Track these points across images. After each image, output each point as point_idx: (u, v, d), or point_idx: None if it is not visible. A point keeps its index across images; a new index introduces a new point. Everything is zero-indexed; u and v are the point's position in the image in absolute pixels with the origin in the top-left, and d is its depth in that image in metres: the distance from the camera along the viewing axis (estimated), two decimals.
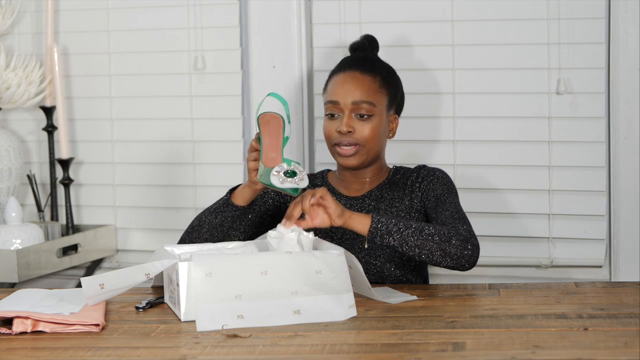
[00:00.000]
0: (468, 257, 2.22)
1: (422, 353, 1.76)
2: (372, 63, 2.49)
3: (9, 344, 1.92)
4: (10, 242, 2.97)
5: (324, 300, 2.04)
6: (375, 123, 2.42)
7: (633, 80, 2.88)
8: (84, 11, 3.28)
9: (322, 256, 2.09)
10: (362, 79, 2.44)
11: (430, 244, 2.20)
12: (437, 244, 2.21)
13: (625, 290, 2.18)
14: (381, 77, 2.46)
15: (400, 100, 2.54)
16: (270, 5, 3.11)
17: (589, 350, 1.73)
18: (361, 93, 2.42)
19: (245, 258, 2.06)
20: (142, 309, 2.14)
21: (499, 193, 3.00)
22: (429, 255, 2.21)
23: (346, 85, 2.43)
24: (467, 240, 2.23)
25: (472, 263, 2.24)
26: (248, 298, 2.01)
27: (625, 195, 2.92)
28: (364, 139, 2.41)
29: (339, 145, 2.43)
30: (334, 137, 2.43)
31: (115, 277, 2.04)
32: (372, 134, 2.42)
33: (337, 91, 2.44)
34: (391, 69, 2.54)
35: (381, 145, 2.47)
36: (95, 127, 3.31)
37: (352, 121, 2.41)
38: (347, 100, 2.42)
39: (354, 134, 2.41)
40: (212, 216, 2.41)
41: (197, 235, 2.41)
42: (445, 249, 2.21)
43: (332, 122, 2.44)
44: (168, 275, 2.13)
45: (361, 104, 2.41)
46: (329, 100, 2.45)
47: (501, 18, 2.96)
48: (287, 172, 2.03)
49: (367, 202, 2.46)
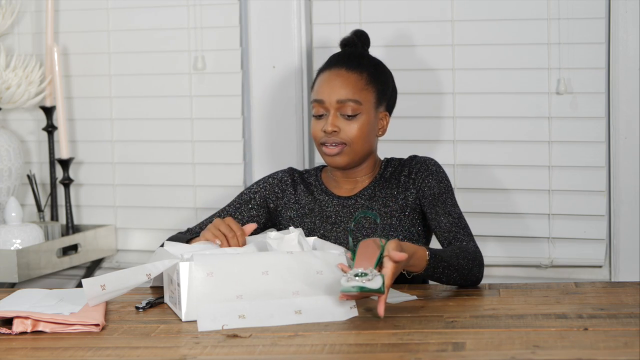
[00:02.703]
0: (479, 277, 2.27)
1: (422, 353, 1.76)
2: (359, 59, 2.44)
3: (9, 344, 1.92)
4: (10, 242, 2.97)
5: (325, 300, 2.03)
6: (362, 122, 2.38)
7: (633, 80, 2.88)
8: (84, 11, 3.28)
9: (322, 256, 2.09)
10: (347, 76, 2.39)
11: (454, 275, 2.22)
12: (459, 275, 2.22)
13: (625, 290, 2.18)
14: (368, 74, 2.41)
15: (391, 97, 2.49)
16: (270, 5, 3.11)
17: (589, 350, 1.73)
18: (346, 91, 2.37)
19: (246, 258, 2.06)
20: (142, 309, 2.14)
21: (499, 193, 3.00)
22: (449, 282, 2.24)
23: (331, 83, 2.39)
24: (481, 264, 2.27)
25: (479, 282, 2.29)
26: (249, 298, 2.01)
27: (625, 195, 2.92)
28: (350, 139, 2.37)
29: (325, 145, 2.39)
30: (320, 136, 2.40)
31: (116, 278, 2.04)
32: (359, 133, 2.38)
33: (322, 90, 2.40)
34: (380, 65, 2.48)
35: (370, 143, 2.42)
36: (95, 127, 3.31)
37: (338, 120, 2.38)
38: (332, 99, 2.38)
39: (339, 134, 2.37)
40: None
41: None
42: (465, 277, 2.24)
43: (318, 122, 2.40)
44: (168, 276, 2.13)
45: (347, 102, 2.37)
46: (314, 99, 2.41)
47: (501, 18, 2.96)
48: (357, 274, 1.97)
49: (360, 201, 2.44)
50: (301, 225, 2.45)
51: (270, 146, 3.14)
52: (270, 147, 3.14)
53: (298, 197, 2.48)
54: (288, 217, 2.47)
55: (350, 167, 2.43)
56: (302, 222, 2.45)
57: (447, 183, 2.42)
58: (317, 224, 2.44)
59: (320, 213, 2.44)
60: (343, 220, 2.42)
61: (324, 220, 2.44)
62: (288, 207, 2.49)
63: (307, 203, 2.47)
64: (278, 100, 3.14)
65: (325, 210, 2.44)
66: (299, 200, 2.48)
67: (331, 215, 2.44)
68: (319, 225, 2.43)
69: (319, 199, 2.47)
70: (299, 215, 2.46)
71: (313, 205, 2.46)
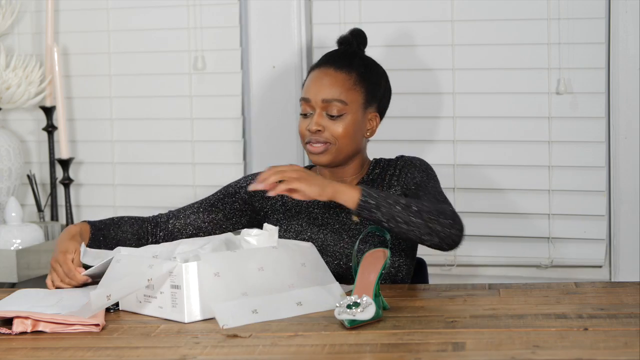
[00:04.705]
0: (454, 237, 2.19)
1: (422, 353, 1.76)
2: (350, 59, 2.41)
3: (9, 344, 1.92)
4: (10, 242, 2.97)
5: (317, 290, 2.09)
6: (348, 122, 2.35)
7: (633, 80, 2.88)
8: (84, 11, 3.28)
9: (299, 249, 2.15)
10: (335, 75, 2.36)
11: (418, 220, 2.16)
12: (424, 222, 2.16)
13: (625, 290, 2.18)
14: (357, 74, 2.38)
15: (383, 98, 2.44)
16: (270, 5, 3.12)
17: (589, 350, 1.73)
18: (333, 91, 2.35)
19: (242, 255, 2.08)
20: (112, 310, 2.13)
21: (499, 193, 3.00)
22: (416, 232, 2.17)
23: (318, 82, 2.37)
24: (454, 219, 2.19)
25: (457, 244, 2.21)
26: (253, 294, 2.02)
27: (625, 195, 2.92)
28: (334, 138, 2.35)
29: (309, 143, 2.37)
30: (305, 135, 2.38)
31: (120, 287, 2.04)
32: (344, 133, 2.35)
33: (309, 88, 2.38)
34: (372, 65, 2.44)
35: (356, 144, 2.39)
36: (95, 127, 3.32)
37: (323, 119, 2.35)
38: (318, 98, 2.35)
39: (323, 133, 2.35)
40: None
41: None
42: (432, 227, 2.17)
43: (304, 120, 2.38)
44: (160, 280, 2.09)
45: (332, 102, 2.34)
46: (301, 98, 2.39)
47: (501, 18, 2.96)
48: (349, 305, 1.98)
49: None
50: (288, 227, 2.43)
51: (270, 146, 3.14)
52: (270, 147, 3.14)
53: (285, 199, 2.46)
54: (275, 220, 2.45)
55: (334, 166, 2.41)
56: (289, 224, 2.43)
57: (431, 173, 2.38)
58: (304, 226, 2.41)
59: (307, 215, 2.43)
60: (329, 222, 2.40)
61: (310, 222, 2.42)
62: (275, 209, 2.46)
63: (294, 205, 2.45)
64: (278, 100, 3.14)
65: (312, 212, 2.43)
66: (286, 202, 2.46)
67: (318, 217, 2.42)
68: (306, 228, 2.41)
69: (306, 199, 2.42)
70: (286, 218, 2.44)
71: (300, 206, 2.44)
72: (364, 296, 1.93)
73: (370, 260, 2.05)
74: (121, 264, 2.11)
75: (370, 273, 2.02)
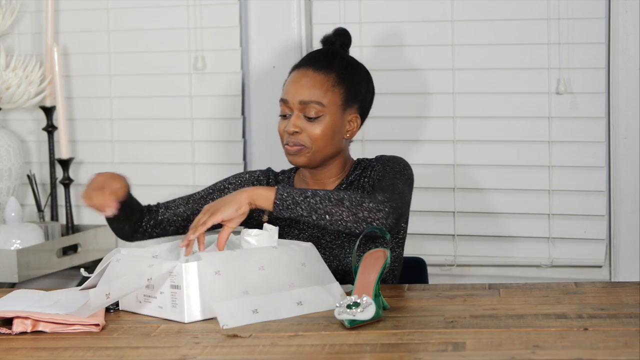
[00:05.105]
0: (383, 219, 2.14)
1: (422, 353, 1.76)
2: (330, 59, 2.38)
3: (9, 344, 1.92)
4: (10, 242, 2.97)
5: (317, 290, 2.09)
6: (326, 124, 2.32)
7: (633, 80, 2.88)
8: (84, 11, 3.28)
9: (299, 249, 2.14)
10: (313, 77, 2.34)
11: (340, 209, 2.14)
12: (347, 209, 2.14)
13: (625, 290, 2.18)
14: (337, 75, 2.34)
15: (365, 99, 2.40)
16: (270, 5, 3.12)
17: (589, 350, 1.73)
18: (310, 93, 2.32)
19: (243, 254, 2.08)
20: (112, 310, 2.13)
21: (499, 193, 3.00)
22: (341, 222, 2.14)
23: (297, 83, 2.34)
24: (382, 202, 2.15)
25: (390, 225, 2.16)
26: (254, 293, 2.02)
27: (625, 195, 2.92)
28: (311, 141, 2.32)
29: (287, 144, 2.35)
30: (283, 136, 2.36)
31: (119, 286, 2.04)
32: (321, 134, 2.32)
33: (288, 89, 2.36)
34: (353, 66, 2.41)
35: (335, 145, 2.36)
36: (95, 127, 3.32)
37: (300, 121, 2.33)
38: (296, 100, 2.33)
39: (300, 135, 2.32)
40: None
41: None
42: (357, 214, 2.14)
43: (283, 122, 2.37)
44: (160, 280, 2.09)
45: (309, 104, 2.32)
46: (280, 99, 2.38)
47: (501, 18, 2.96)
48: (349, 305, 1.97)
49: None
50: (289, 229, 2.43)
51: (270, 146, 3.14)
52: (270, 147, 3.13)
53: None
54: (259, 219, 2.44)
55: (312, 167, 2.38)
56: (273, 224, 2.42)
57: (396, 168, 2.32)
58: (286, 230, 2.41)
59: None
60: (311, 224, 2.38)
61: (292, 224, 2.41)
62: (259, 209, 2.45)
63: None
64: (278, 100, 3.13)
65: None
66: None
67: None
68: (288, 231, 2.40)
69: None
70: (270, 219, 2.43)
71: None
72: (364, 296, 1.93)
73: (370, 260, 2.05)
74: (121, 263, 2.11)
75: (370, 273, 2.02)
